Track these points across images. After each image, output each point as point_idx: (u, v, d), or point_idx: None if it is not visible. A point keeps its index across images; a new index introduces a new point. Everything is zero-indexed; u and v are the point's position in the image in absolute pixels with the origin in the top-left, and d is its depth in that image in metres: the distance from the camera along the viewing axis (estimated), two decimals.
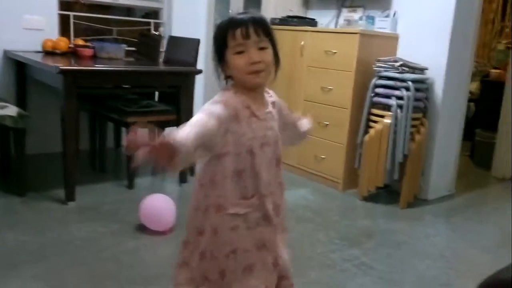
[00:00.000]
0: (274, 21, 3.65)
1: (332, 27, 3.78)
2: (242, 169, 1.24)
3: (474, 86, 4.94)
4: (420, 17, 3.23)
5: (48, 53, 3.33)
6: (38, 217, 2.52)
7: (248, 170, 1.24)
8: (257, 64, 1.19)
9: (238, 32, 1.17)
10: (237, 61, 1.19)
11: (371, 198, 3.21)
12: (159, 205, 2.48)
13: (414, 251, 2.49)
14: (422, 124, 3.13)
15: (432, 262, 2.37)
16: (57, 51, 3.34)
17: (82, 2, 3.73)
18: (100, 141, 3.39)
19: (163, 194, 2.57)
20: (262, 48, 1.20)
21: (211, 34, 4.39)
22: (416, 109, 3.04)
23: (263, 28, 1.19)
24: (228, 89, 1.26)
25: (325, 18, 3.85)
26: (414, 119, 3.02)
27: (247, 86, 1.23)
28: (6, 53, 3.37)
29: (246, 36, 1.17)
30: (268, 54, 1.21)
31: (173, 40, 3.61)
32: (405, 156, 3.02)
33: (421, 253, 2.47)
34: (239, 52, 1.19)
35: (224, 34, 1.19)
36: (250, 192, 1.26)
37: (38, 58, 3.03)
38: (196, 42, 3.26)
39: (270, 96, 1.34)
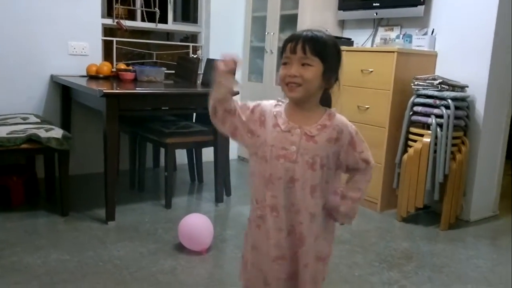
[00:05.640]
0: None
1: (368, 46, 3.77)
2: (259, 173, 1.32)
3: None
4: (460, 35, 3.18)
5: (92, 77, 3.47)
6: (79, 236, 2.60)
7: (261, 175, 1.31)
8: (293, 77, 1.24)
9: (288, 46, 1.26)
10: (281, 71, 1.28)
11: (410, 219, 3.14)
12: (197, 224, 2.49)
13: (456, 274, 2.41)
14: (463, 143, 3.05)
15: (475, 286, 2.28)
16: (101, 75, 3.47)
17: (125, 28, 3.88)
18: (140, 161, 3.48)
19: (201, 214, 2.60)
20: (305, 65, 1.24)
21: (248, 56, 4.46)
22: (456, 127, 2.97)
23: (312, 46, 1.24)
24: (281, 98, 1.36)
25: (361, 38, 3.84)
26: (454, 137, 2.95)
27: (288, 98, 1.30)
28: (53, 77, 3.53)
29: (293, 51, 1.24)
30: (310, 72, 1.24)
31: (211, 62, 3.68)
32: (446, 176, 2.94)
33: (464, 276, 2.39)
34: (285, 64, 1.27)
35: (283, 47, 1.29)
36: (260, 197, 1.33)
37: (83, 82, 3.16)
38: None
39: (328, 119, 1.29)
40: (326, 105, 1.34)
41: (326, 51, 1.26)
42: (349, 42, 3.75)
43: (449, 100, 2.89)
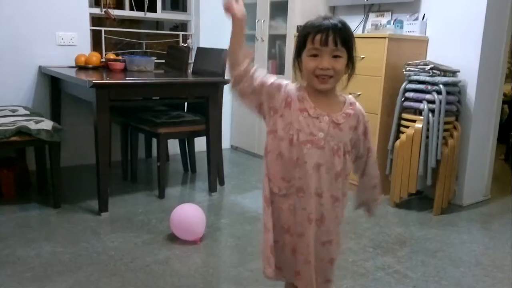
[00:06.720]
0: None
1: (359, 32, 3.75)
2: (283, 153, 1.33)
3: (508, 87, 4.79)
4: (450, 19, 3.17)
5: (81, 68, 3.43)
6: (72, 228, 2.58)
7: (286, 156, 1.32)
8: (326, 70, 1.26)
9: (318, 37, 1.25)
10: (309, 63, 1.28)
11: (403, 204, 3.15)
12: (189, 214, 2.48)
13: (449, 258, 2.43)
14: (455, 128, 3.06)
15: (468, 270, 2.30)
16: (90, 65, 3.43)
17: (113, 17, 3.82)
18: (132, 152, 3.45)
19: (192, 204, 2.59)
20: (335, 56, 1.26)
21: None
22: (448, 112, 2.97)
23: (342, 37, 1.25)
24: (300, 83, 1.36)
25: (352, 24, 3.78)
26: (446, 123, 2.96)
27: (313, 87, 1.31)
28: (41, 69, 3.48)
29: (324, 44, 1.24)
30: (340, 63, 1.27)
31: (201, 51, 3.65)
32: (438, 161, 2.96)
33: (457, 260, 2.41)
34: (314, 55, 1.27)
35: (306, 35, 1.28)
36: (288, 177, 1.34)
37: (72, 73, 3.12)
38: (224, 52, 3.29)
39: (351, 108, 1.36)
40: None
41: (352, 41, 1.29)
42: None
43: (441, 86, 2.89)
